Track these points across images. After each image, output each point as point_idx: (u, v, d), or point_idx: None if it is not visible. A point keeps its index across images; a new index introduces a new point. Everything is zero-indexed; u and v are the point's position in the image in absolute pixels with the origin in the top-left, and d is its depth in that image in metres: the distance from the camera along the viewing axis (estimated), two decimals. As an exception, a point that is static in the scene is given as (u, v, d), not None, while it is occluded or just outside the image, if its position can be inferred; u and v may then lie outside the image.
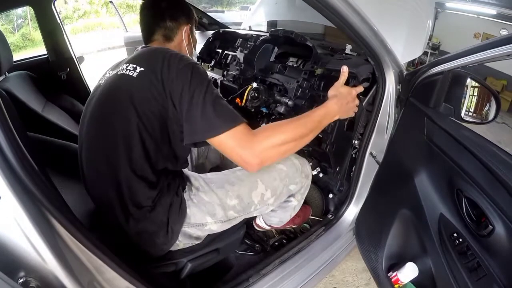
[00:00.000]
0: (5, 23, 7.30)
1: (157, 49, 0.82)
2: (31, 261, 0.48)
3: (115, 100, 0.76)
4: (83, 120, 0.83)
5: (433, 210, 0.87)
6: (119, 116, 0.74)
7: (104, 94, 0.79)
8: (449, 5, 5.02)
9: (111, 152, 0.75)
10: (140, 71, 0.74)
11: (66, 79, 1.95)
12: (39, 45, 5.54)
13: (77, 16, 9.88)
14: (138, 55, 0.81)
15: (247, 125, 0.73)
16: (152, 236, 0.78)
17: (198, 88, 0.71)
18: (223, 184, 0.88)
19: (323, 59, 1.20)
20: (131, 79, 0.74)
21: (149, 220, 0.77)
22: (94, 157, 0.80)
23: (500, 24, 4.36)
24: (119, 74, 0.78)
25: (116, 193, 0.76)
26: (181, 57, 0.75)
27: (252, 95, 1.28)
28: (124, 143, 0.74)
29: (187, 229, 0.83)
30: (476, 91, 0.87)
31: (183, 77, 0.72)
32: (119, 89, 0.77)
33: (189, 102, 0.71)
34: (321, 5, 0.81)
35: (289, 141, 0.74)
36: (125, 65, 0.78)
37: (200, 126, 0.71)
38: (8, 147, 0.47)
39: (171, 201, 0.79)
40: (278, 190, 0.93)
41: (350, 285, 1.36)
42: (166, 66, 0.72)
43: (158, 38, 0.92)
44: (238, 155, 0.70)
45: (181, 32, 0.93)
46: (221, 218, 0.86)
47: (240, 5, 9.56)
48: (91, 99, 0.83)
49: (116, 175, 0.75)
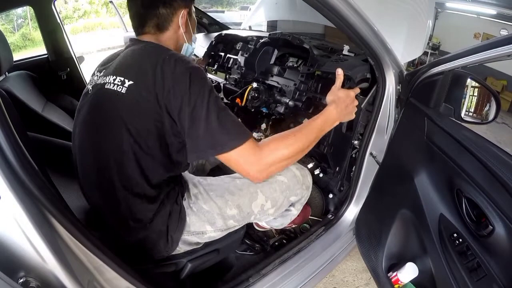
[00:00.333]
0: (5, 23, 7.30)
1: (148, 52, 0.72)
2: (31, 261, 0.48)
3: (104, 121, 0.71)
4: (74, 132, 0.79)
5: (433, 210, 0.87)
6: (110, 138, 0.69)
7: (91, 112, 0.74)
8: (449, 5, 5.02)
9: (105, 173, 0.72)
10: (129, 85, 0.67)
11: (66, 79, 1.95)
12: (39, 45, 5.55)
13: (77, 16, 9.88)
14: (125, 62, 0.73)
15: (253, 138, 0.70)
16: (151, 244, 0.78)
17: (199, 98, 0.65)
18: (223, 193, 0.86)
19: (319, 61, 1.20)
20: (119, 95, 0.67)
21: (149, 230, 0.76)
22: (89, 174, 0.76)
23: (500, 24, 4.36)
24: (106, 88, 0.70)
25: (114, 210, 0.74)
26: (176, 61, 0.67)
27: (252, 95, 1.28)
28: (117, 164, 0.70)
29: (187, 237, 0.83)
30: (476, 91, 0.87)
31: (181, 87, 0.65)
32: (107, 108, 0.70)
33: (191, 116, 0.65)
34: (321, 5, 0.81)
35: (293, 155, 0.74)
36: (112, 78, 0.70)
37: (205, 143, 0.66)
38: (8, 147, 0.47)
39: (171, 209, 0.78)
40: (279, 201, 0.92)
41: (350, 285, 1.36)
42: (160, 76, 0.65)
43: (149, 30, 0.78)
44: (244, 170, 0.70)
45: (177, 18, 0.79)
46: (220, 227, 0.85)
47: (240, 5, 9.56)
48: (80, 110, 0.78)
49: (112, 195, 0.72)
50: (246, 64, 1.45)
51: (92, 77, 0.80)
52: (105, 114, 0.71)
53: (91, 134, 0.74)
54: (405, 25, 1.34)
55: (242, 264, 1.15)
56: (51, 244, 0.49)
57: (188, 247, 0.85)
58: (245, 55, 1.45)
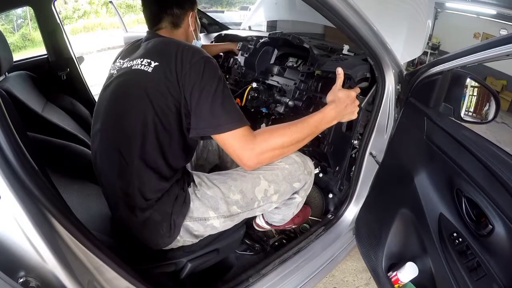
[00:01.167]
0: (4, 23, 7.31)
1: (170, 42, 0.82)
2: (31, 261, 0.48)
3: (131, 95, 0.78)
4: (97, 112, 0.86)
5: (432, 210, 0.87)
6: (135, 110, 0.76)
7: (119, 89, 0.81)
8: (449, 5, 5.02)
9: (125, 144, 0.78)
10: (155, 65, 0.76)
11: (66, 79, 1.95)
12: (39, 45, 5.54)
13: (77, 16, 9.89)
14: (152, 48, 0.82)
15: (249, 127, 0.76)
16: (156, 226, 0.80)
17: (208, 83, 0.73)
18: (225, 179, 0.89)
19: (319, 61, 1.20)
20: (146, 74, 0.76)
21: (154, 209, 0.80)
22: (107, 148, 0.82)
23: (500, 24, 4.37)
24: (133, 68, 0.79)
25: (126, 183, 0.78)
26: (194, 51, 0.77)
27: (252, 95, 1.28)
28: (139, 136, 0.76)
29: (189, 223, 0.84)
30: (476, 91, 0.87)
31: (196, 72, 0.74)
32: (134, 84, 0.78)
33: (199, 97, 0.73)
34: (320, 5, 0.81)
35: (285, 146, 0.79)
36: (140, 60, 0.79)
37: (206, 121, 0.74)
38: (9, 147, 0.47)
39: (177, 194, 0.82)
40: (282, 187, 0.94)
41: (350, 285, 1.36)
42: (180, 60, 0.74)
43: (165, 25, 0.92)
44: (237, 155, 0.75)
45: (188, 18, 0.94)
46: (224, 213, 0.87)
47: (240, 5, 9.57)
48: (105, 90, 0.85)
49: (129, 168, 0.77)
50: (246, 64, 1.46)
51: (114, 64, 0.90)
52: (133, 88, 0.79)
53: (117, 107, 0.81)
54: (405, 25, 1.34)
55: (242, 264, 1.15)
56: (51, 244, 0.49)
57: (189, 238, 0.86)
58: (245, 55, 1.45)
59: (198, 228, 0.85)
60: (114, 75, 0.84)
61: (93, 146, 0.86)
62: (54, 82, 1.87)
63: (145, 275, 0.71)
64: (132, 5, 9.03)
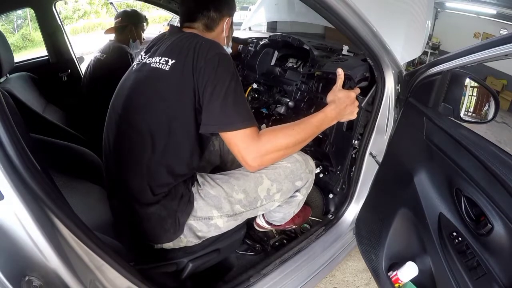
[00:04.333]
0: (5, 24, 7.31)
1: (188, 39, 0.81)
2: (34, 261, 0.48)
3: (149, 93, 0.80)
4: (113, 107, 0.86)
5: (432, 210, 0.88)
6: (152, 107, 0.78)
7: (137, 86, 0.82)
8: (449, 5, 5.03)
9: (139, 140, 0.78)
10: (172, 64, 0.77)
11: (66, 80, 1.96)
12: (39, 45, 5.55)
13: (77, 17, 9.90)
14: (171, 46, 0.82)
15: (257, 128, 0.77)
16: (161, 221, 0.81)
17: (221, 79, 0.74)
18: (228, 179, 0.90)
19: (320, 62, 1.21)
20: (164, 72, 0.77)
21: (161, 204, 0.80)
22: (122, 142, 0.83)
23: (500, 24, 4.37)
24: (152, 66, 0.81)
25: (136, 177, 0.79)
26: (210, 47, 0.77)
27: (252, 95, 1.28)
28: (156, 134, 0.77)
29: (193, 222, 0.84)
30: (475, 91, 0.87)
31: (210, 68, 0.74)
32: (153, 82, 0.80)
33: (211, 93, 0.73)
34: (320, 6, 0.81)
35: (289, 146, 0.79)
36: (158, 58, 0.81)
37: (216, 118, 0.74)
38: (12, 148, 0.47)
39: (183, 193, 0.83)
40: (284, 186, 0.94)
41: (351, 285, 1.36)
42: (196, 57, 0.75)
43: (198, 26, 0.91)
44: (242, 155, 0.75)
45: (223, 23, 0.93)
46: (227, 212, 0.87)
47: (240, 5, 9.55)
48: (125, 81, 0.86)
49: (142, 159, 0.78)
50: (247, 66, 1.46)
51: (140, 55, 0.90)
52: (151, 86, 0.80)
53: (137, 104, 0.81)
54: (404, 25, 1.34)
55: (243, 264, 1.16)
56: (54, 243, 0.49)
57: (192, 238, 0.86)
58: (246, 58, 1.46)
59: (201, 228, 0.86)
60: (134, 68, 0.86)
61: (107, 136, 0.87)
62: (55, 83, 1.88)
63: (146, 275, 0.72)
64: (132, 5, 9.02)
